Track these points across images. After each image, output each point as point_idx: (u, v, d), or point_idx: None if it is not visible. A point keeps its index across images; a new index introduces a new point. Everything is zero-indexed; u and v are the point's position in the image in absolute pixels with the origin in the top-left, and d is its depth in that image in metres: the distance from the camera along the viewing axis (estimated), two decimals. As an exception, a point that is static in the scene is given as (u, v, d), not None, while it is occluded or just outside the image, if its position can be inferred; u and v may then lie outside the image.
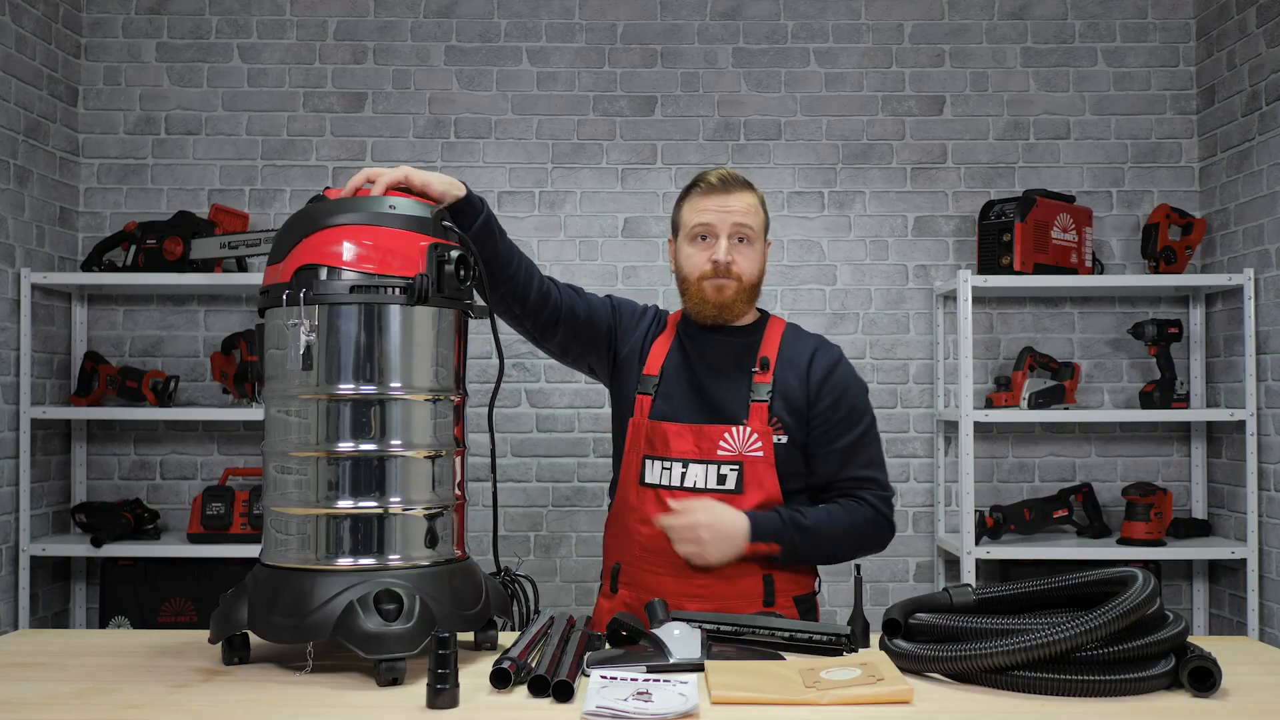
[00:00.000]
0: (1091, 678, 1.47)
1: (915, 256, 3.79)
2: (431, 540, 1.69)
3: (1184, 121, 3.79)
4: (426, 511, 1.69)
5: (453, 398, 1.76)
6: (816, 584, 2.23)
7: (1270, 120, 3.35)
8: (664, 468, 2.12)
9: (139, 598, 3.51)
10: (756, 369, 2.15)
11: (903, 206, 3.79)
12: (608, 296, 2.30)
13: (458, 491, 1.76)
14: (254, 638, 1.69)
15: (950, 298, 3.68)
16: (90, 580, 3.69)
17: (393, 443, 1.66)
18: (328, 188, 1.76)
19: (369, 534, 1.64)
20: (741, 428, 2.11)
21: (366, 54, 3.79)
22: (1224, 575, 3.61)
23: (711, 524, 2.02)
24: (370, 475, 1.65)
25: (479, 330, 2.36)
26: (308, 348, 1.63)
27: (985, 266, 3.53)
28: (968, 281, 3.41)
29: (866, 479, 2.18)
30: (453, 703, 1.44)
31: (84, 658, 1.74)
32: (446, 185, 1.89)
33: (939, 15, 3.81)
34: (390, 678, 1.55)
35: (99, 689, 1.55)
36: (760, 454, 2.10)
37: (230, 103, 3.78)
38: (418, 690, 1.49)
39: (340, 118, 3.78)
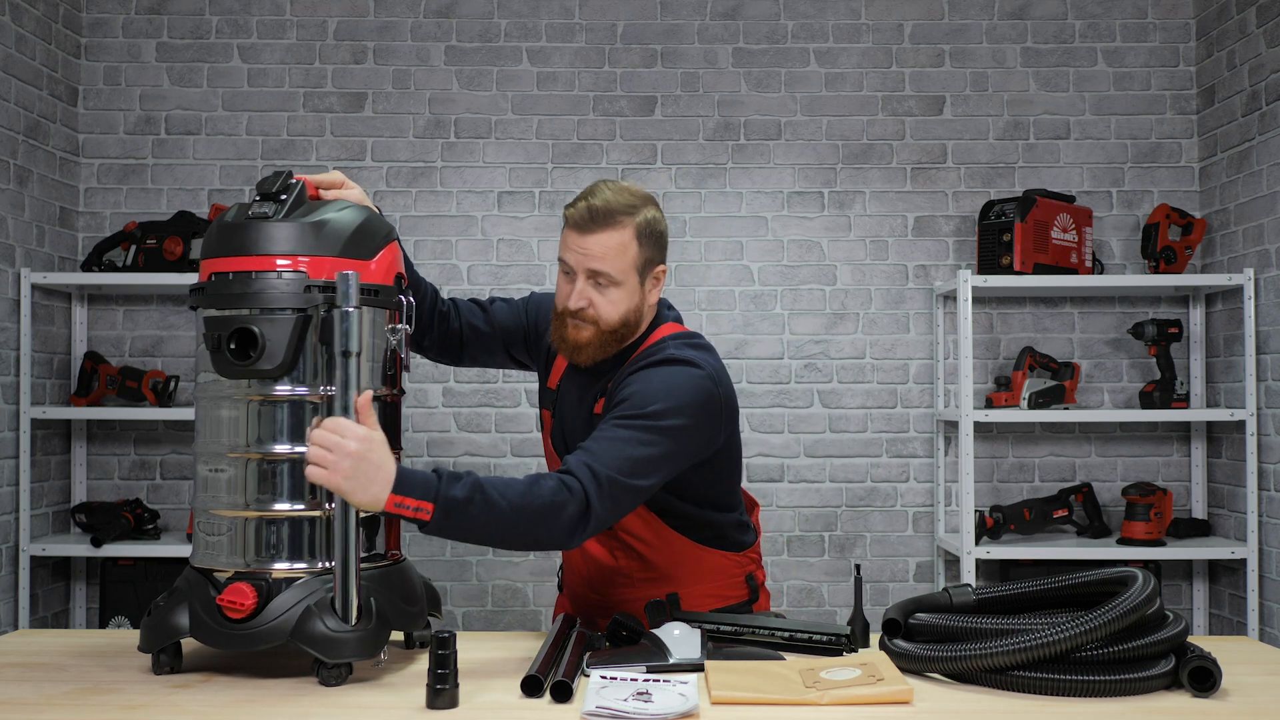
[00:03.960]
0: (1091, 678, 1.47)
1: (915, 256, 3.78)
2: (369, 543, 1.68)
3: (1184, 121, 3.79)
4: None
5: (387, 398, 1.74)
6: (750, 593, 2.07)
7: (1270, 120, 3.35)
8: None
9: (139, 598, 3.51)
10: (600, 398, 1.96)
11: (903, 206, 3.79)
12: (530, 294, 2.23)
13: None
14: (184, 644, 1.67)
15: (950, 298, 3.68)
16: (90, 580, 3.69)
17: None
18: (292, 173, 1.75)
19: (299, 536, 1.63)
20: None
21: (366, 54, 3.79)
22: (1224, 575, 3.61)
23: (359, 454, 1.55)
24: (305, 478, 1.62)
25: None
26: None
27: (985, 266, 3.53)
28: (968, 281, 3.41)
29: (585, 450, 1.78)
30: (452, 703, 1.45)
31: (84, 658, 1.74)
32: None
33: (939, 15, 3.81)
34: (337, 681, 1.54)
35: (99, 689, 1.55)
36: None
37: (230, 103, 3.78)
38: (418, 690, 1.49)
39: (340, 118, 3.78)
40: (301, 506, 1.62)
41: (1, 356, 3.32)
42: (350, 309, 1.57)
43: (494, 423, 3.74)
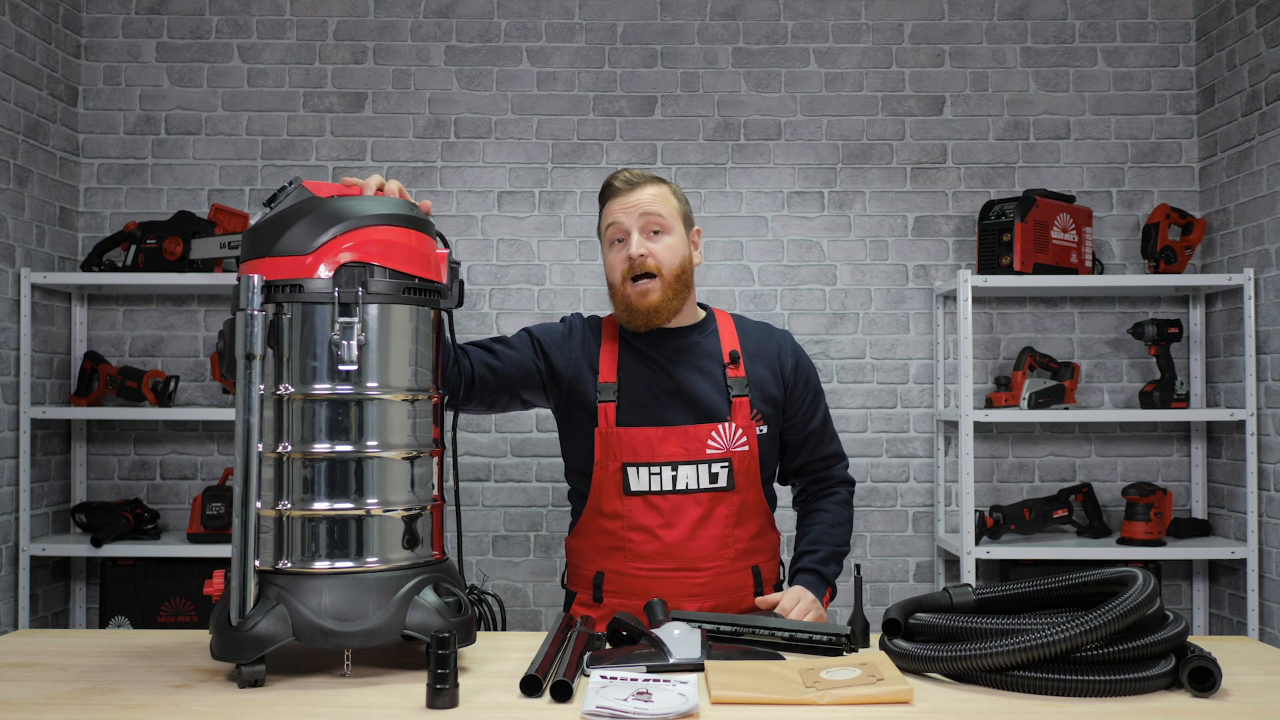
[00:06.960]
0: (1091, 678, 1.47)
1: (915, 256, 3.78)
2: (411, 541, 1.66)
3: (1184, 121, 3.79)
4: (405, 513, 1.65)
5: (431, 398, 1.73)
6: (782, 574, 2.29)
7: (1270, 120, 3.35)
8: (652, 473, 2.10)
9: (139, 598, 3.51)
10: (728, 363, 2.16)
11: (903, 206, 3.79)
12: (525, 331, 2.24)
13: (435, 493, 1.73)
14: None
15: (950, 298, 3.68)
16: (90, 580, 3.69)
17: (369, 443, 1.63)
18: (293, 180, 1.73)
19: (346, 535, 1.60)
20: (728, 424, 2.11)
21: (366, 54, 3.79)
22: (1224, 575, 3.61)
23: (818, 604, 2.13)
24: (346, 476, 1.61)
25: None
26: (361, 348, 1.61)
27: (985, 266, 3.53)
28: (968, 281, 3.41)
29: (833, 455, 2.31)
30: (452, 703, 1.44)
31: (84, 658, 1.74)
32: None
33: (939, 15, 3.81)
34: (246, 683, 1.54)
35: (99, 689, 1.55)
36: (746, 448, 2.12)
37: (230, 103, 3.78)
38: (418, 690, 1.49)
39: (340, 118, 3.78)
40: (348, 505, 1.60)
41: (1, 356, 3.32)
42: (254, 312, 1.55)
43: (494, 423, 3.74)
